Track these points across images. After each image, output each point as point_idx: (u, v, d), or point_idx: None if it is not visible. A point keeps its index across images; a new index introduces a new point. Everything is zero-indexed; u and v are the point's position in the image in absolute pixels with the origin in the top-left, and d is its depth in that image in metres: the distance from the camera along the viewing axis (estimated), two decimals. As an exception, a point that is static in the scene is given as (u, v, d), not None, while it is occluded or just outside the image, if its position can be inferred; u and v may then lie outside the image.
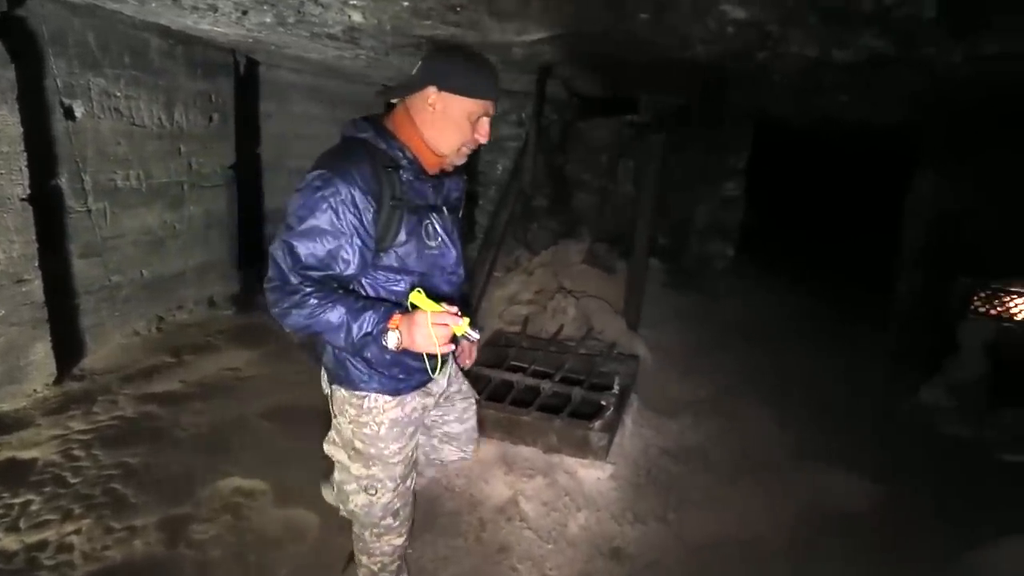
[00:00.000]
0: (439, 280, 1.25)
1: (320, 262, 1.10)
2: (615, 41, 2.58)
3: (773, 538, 2.01)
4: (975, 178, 2.88)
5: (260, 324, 3.70)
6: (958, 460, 2.64)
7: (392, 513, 1.38)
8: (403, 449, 1.33)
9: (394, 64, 3.94)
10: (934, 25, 1.73)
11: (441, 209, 1.24)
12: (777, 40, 2.28)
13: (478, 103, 1.16)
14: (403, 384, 1.27)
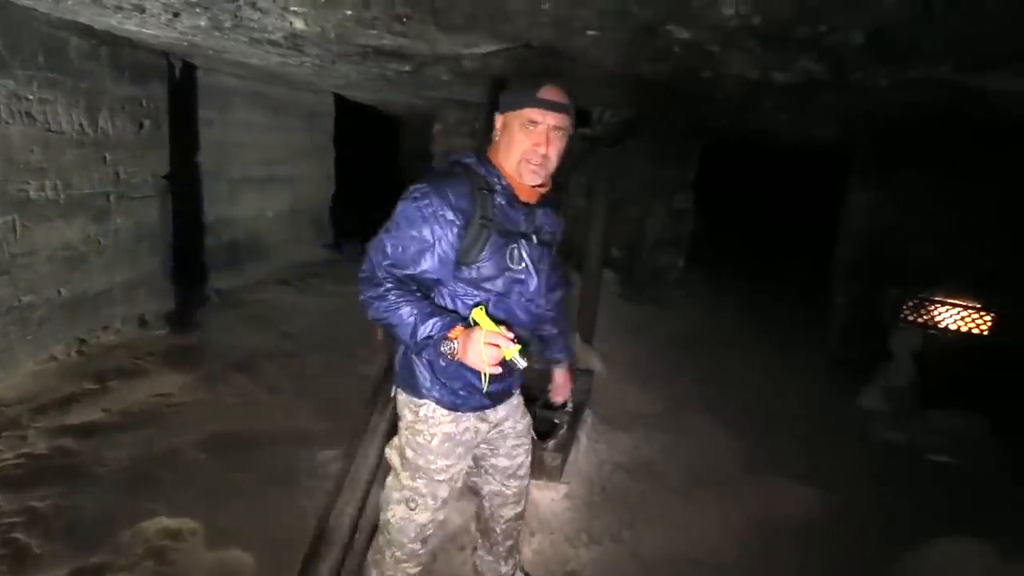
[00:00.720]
0: (516, 305, 1.30)
1: (404, 262, 1.22)
2: (566, 57, 2.59)
3: (726, 552, 2.03)
4: (900, 194, 3.06)
5: (197, 344, 3.48)
6: (894, 463, 2.77)
7: (422, 539, 1.41)
8: (450, 468, 1.36)
9: (342, 72, 3.83)
10: (863, 51, 1.81)
11: (531, 238, 1.29)
12: (720, 61, 2.33)
13: (525, 112, 1.23)
14: (461, 401, 1.32)
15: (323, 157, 5.49)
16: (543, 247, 1.32)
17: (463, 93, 4.21)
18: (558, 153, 1.26)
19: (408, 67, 3.32)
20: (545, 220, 1.33)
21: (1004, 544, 2.16)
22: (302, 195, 5.28)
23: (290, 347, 3.58)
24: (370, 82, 4.22)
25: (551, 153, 1.24)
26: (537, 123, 1.23)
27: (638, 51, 2.34)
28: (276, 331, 3.79)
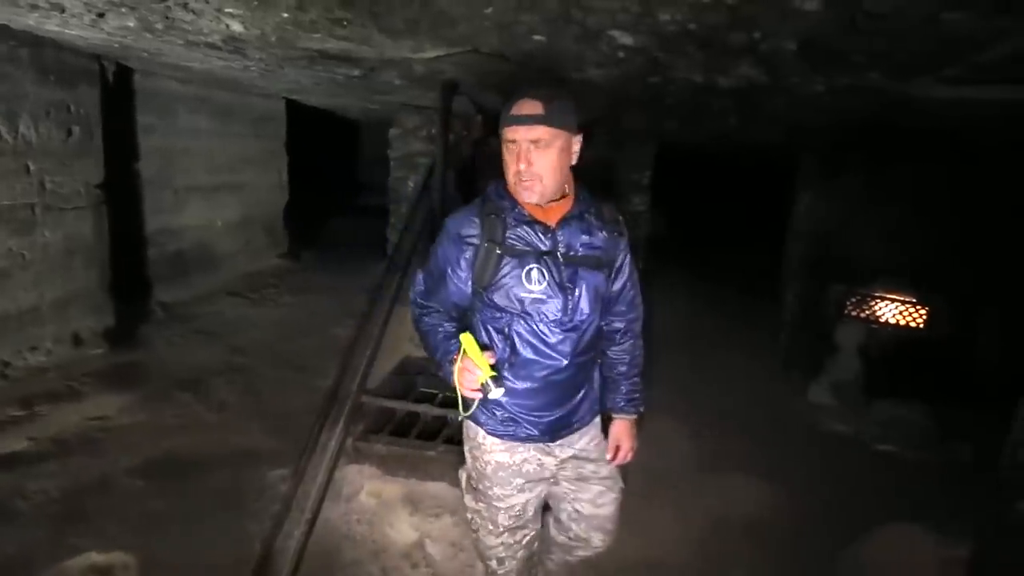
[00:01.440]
0: (544, 325, 1.26)
1: (431, 291, 1.33)
2: (514, 61, 2.58)
3: (684, 553, 2.04)
4: (841, 195, 3.19)
5: (139, 361, 3.30)
6: (842, 455, 2.86)
7: (496, 558, 1.45)
8: (508, 497, 1.36)
9: (290, 76, 3.72)
10: (796, 58, 1.86)
11: (555, 256, 1.25)
12: (666, 66, 2.37)
13: (504, 132, 1.23)
14: (508, 430, 1.32)
15: (275, 164, 5.32)
16: (575, 265, 1.25)
17: (419, 97, 4.15)
18: (549, 166, 1.20)
19: (358, 72, 3.25)
20: (574, 236, 1.26)
21: (944, 528, 2.25)
22: (254, 203, 5.10)
23: (239, 362, 3.44)
24: (321, 87, 4.12)
25: (536, 168, 1.19)
26: (514, 141, 1.21)
27: (585, 57, 2.35)
28: (225, 345, 3.64)
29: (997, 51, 1.47)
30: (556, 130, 1.19)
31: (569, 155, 1.25)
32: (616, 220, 1.33)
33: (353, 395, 2.33)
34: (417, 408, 2.36)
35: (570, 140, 1.23)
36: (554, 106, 1.20)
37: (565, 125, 1.21)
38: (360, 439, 2.17)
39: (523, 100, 1.21)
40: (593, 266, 1.28)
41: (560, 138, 1.20)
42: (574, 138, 1.25)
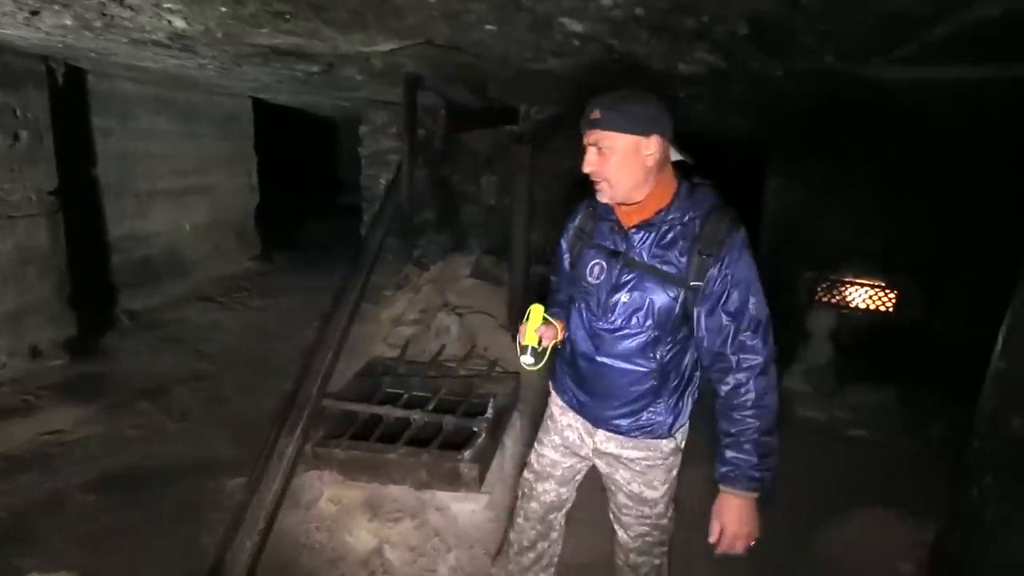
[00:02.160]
0: (580, 316, 1.35)
1: (552, 266, 1.55)
2: (471, 53, 2.52)
3: (649, 547, 2.01)
4: (809, 180, 3.17)
5: (101, 372, 3.22)
6: (815, 441, 2.85)
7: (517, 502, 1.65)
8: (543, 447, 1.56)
9: (250, 74, 3.63)
10: (749, 42, 1.83)
11: (626, 257, 1.27)
12: (624, 54, 2.32)
13: (583, 137, 1.26)
14: (562, 391, 1.48)
15: (244, 164, 5.21)
16: (639, 271, 1.24)
17: (386, 93, 4.08)
18: (613, 170, 1.20)
19: (316, 68, 3.17)
20: (646, 243, 1.24)
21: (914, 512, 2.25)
22: (223, 206, 5.00)
23: (206, 368, 3.36)
24: (285, 84, 4.03)
25: (600, 171, 1.22)
26: (586, 144, 1.25)
27: (541, 46, 2.30)
28: (192, 352, 3.56)
29: (942, 30, 1.45)
30: (616, 134, 1.19)
31: (639, 159, 1.19)
32: (714, 241, 1.19)
33: (313, 399, 2.27)
34: (379, 410, 2.31)
35: (638, 144, 1.19)
36: (615, 110, 1.20)
37: (628, 129, 1.18)
38: (319, 444, 2.11)
39: (593, 103, 1.25)
40: (658, 279, 1.23)
41: (622, 141, 1.19)
42: (644, 141, 1.19)
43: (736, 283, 1.19)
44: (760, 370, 1.21)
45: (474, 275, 3.98)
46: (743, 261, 1.20)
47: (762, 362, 1.21)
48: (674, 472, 1.46)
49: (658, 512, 1.49)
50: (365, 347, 3.56)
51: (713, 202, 1.26)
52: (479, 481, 2.03)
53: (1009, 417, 1.23)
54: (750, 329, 1.20)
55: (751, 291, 1.20)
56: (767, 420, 1.22)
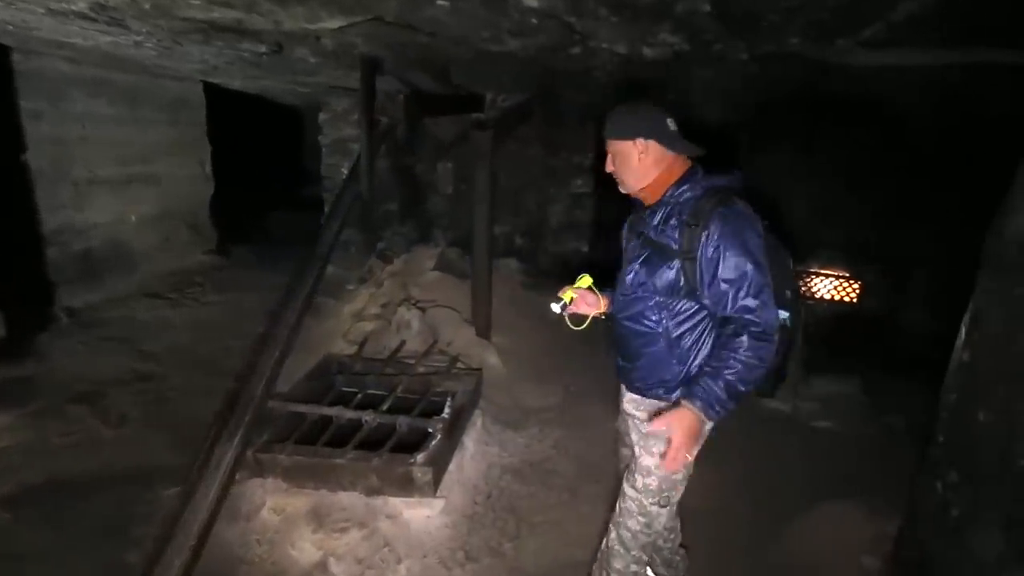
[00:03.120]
0: (620, 285, 1.51)
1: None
2: (425, 32, 2.38)
3: (612, 549, 1.94)
4: (776, 170, 3.13)
5: (32, 375, 2.98)
6: (782, 433, 2.83)
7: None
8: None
9: (194, 55, 3.39)
10: (713, 21, 1.74)
11: (642, 236, 1.45)
12: (585, 35, 2.22)
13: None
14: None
15: (196, 152, 4.94)
16: (650, 248, 1.42)
17: (346, 79, 3.89)
18: (624, 170, 1.43)
19: (264, 48, 2.97)
20: (653, 223, 1.42)
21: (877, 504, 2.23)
22: (173, 196, 4.73)
23: (150, 369, 3.15)
24: (235, 67, 3.79)
25: (615, 171, 1.46)
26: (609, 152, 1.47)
27: (499, 24, 2.18)
28: (135, 352, 3.34)
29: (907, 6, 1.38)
30: (613, 140, 1.43)
31: (633, 156, 1.40)
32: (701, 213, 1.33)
33: (257, 400, 2.11)
34: (330, 411, 2.17)
35: (628, 146, 1.40)
36: (612, 122, 1.43)
37: (619, 135, 1.41)
38: (262, 449, 1.97)
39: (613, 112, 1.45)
40: (660, 252, 1.40)
41: (619, 145, 1.42)
42: (632, 143, 1.39)
43: (728, 249, 1.30)
44: (758, 333, 1.29)
45: (439, 268, 3.85)
46: (733, 228, 1.30)
47: (762, 325, 1.29)
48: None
49: (646, 486, 1.50)
50: (324, 343, 3.40)
51: (714, 184, 1.39)
52: (434, 485, 1.92)
53: (974, 411, 1.18)
54: (750, 294, 1.29)
55: (746, 257, 1.29)
56: (751, 372, 1.29)
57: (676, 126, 1.41)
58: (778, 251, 1.42)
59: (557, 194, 4.36)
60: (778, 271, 1.37)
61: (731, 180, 1.42)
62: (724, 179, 1.41)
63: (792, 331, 1.40)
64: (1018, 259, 1.14)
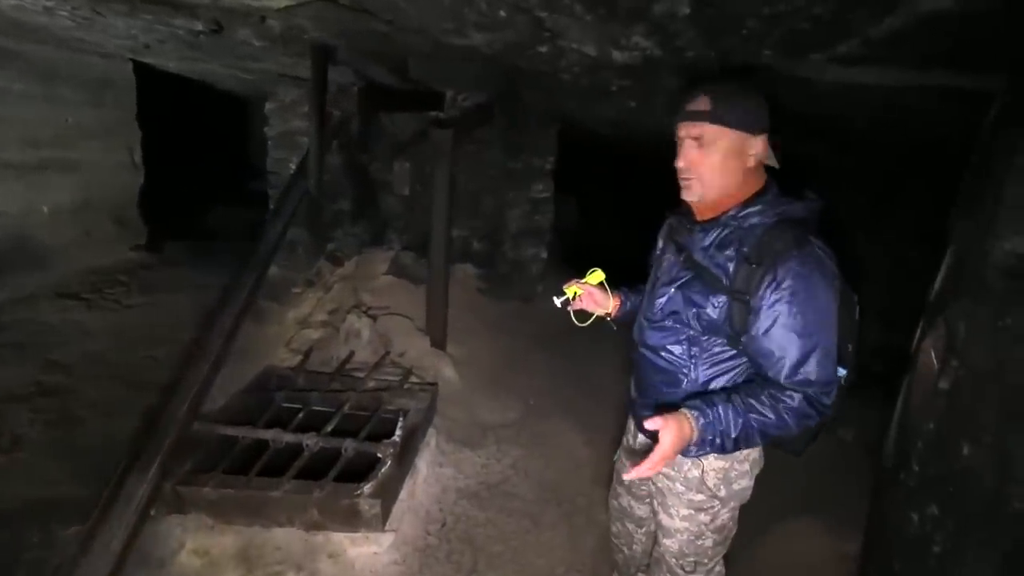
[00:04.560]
0: (644, 304, 1.33)
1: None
2: (383, 19, 2.19)
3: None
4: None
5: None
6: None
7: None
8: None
9: (120, 29, 3.04)
10: (689, 24, 1.66)
11: (685, 253, 1.23)
12: (555, 33, 2.10)
13: (677, 127, 1.21)
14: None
15: (123, 138, 4.48)
16: (691, 271, 1.19)
17: (296, 67, 3.61)
18: (705, 165, 1.15)
19: (202, 26, 2.69)
20: (705, 242, 1.18)
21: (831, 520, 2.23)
22: (95, 185, 4.27)
23: (56, 382, 2.78)
24: (169, 47, 3.44)
25: (690, 165, 1.16)
26: (680, 137, 1.19)
27: (464, 16, 2.03)
28: (40, 361, 2.94)
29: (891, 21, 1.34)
30: (721, 128, 1.13)
31: (741, 157, 1.15)
32: (768, 251, 1.08)
33: (180, 422, 1.86)
34: (265, 434, 1.95)
35: (743, 141, 1.14)
36: (724, 102, 1.13)
37: (735, 124, 1.12)
38: (183, 481, 1.72)
39: (692, 94, 1.17)
40: (705, 281, 1.16)
41: (726, 137, 1.13)
42: (750, 139, 1.14)
43: (796, 306, 1.07)
44: (814, 401, 1.10)
45: (392, 272, 3.64)
46: (807, 284, 1.07)
47: (819, 395, 1.11)
48: (702, 517, 1.29)
49: (671, 551, 1.33)
50: (265, 352, 3.13)
51: (790, 215, 1.14)
52: (382, 518, 1.74)
53: (957, 444, 1.13)
54: (814, 365, 1.08)
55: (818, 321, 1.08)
56: (778, 431, 1.11)
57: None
58: (847, 298, 1.20)
59: (517, 198, 4.24)
60: (845, 322, 1.16)
61: (809, 210, 1.17)
62: (801, 207, 1.16)
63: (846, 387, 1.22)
64: (1004, 287, 1.10)
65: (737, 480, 1.28)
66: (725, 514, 1.30)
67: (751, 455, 1.29)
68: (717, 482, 1.26)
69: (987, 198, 1.26)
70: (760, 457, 1.34)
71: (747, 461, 1.29)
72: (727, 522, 1.31)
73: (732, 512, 1.31)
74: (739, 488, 1.29)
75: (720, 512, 1.30)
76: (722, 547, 1.35)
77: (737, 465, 1.27)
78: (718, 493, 1.27)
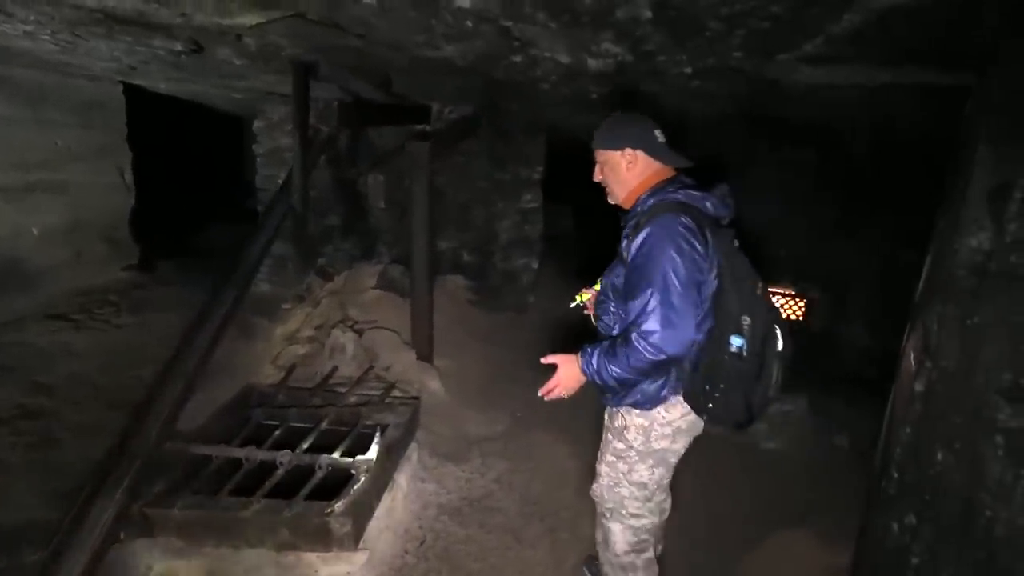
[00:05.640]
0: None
1: None
2: (354, 33, 2.20)
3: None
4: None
5: None
6: (732, 457, 2.74)
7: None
8: None
9: (103, 52, 3.06)
10: (654, 27, 1.65)
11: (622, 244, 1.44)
12: (525, 42, 2.10)
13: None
14: None
15: (113, 159, 4.51)
16: (619, 260, 1.46)
17: (282, 85, 3.64)
18: (612, 179, 1.51)
19: (181, 46, 2.70)
20: (624, 233, 1.44)
21: (821, 529, 2.17)
22: (85, 207, 4.28)
23: (39, 404, 2.76)
24: (154, 68, 3.47)
25: (604, 181, 1.55)
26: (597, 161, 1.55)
27: (433, 28, 2.03)
28: (26, 383, 2.92)
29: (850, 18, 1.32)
30: (602, 150, 1.51)
31: (621, 168, 1.47)
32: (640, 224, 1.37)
33: (150, 442, 1.83)
34: (238, 453, 1.91)
35: (617, 155, 1.47)
36: (600, 130, 1.52)
37: (608, 145, 1.49)
38: (152, 503, 1.69)
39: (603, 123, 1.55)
40: (620, 258, 1.44)
41: (607, 155, 1.49)
42: (620, 153, 1.46)
43: (645, 262, 1.31)
44: (647, 349, 1.29)
45: (381, 286, 3.62)
46: (653, 244, 1.31)
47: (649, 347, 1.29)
48: (621, 466, 1.51)
49: (595, 494, 1.61)
50: (252, 370, 3.10)
51: (669, 199, 1.39)
52: (355, 537, 1.70)
53: (931, 449, 1.09)
54: (648, 313, 1.28)
55: (656, 275, 1.29)
56: (629, 376, 1.35)
57: (664, 137, 1.47)
58: (737, 275, 1.35)
59: (506, 209, 4.23)
60: (736, 296, 1.32)
61: (689, 196, 1.38)
62: (683, 195, 1.38)
63: (756, 358, 1.33)
64: (971, 285, 1.07)
65: (657, 440, 1.45)
66: (643, 470, 1.48)
67: (673, 421, 1.44)
68: (636, 436, 1.46)
69: (956, 194, 1.23)
70: (688, 426, 1.46)
71: (669, 425, 1.44)
72: (646, 480, 1.48)
73: (651, 471, 1.48)
74: (658, 448, 1.46)
75: (637, 465, 1.48)
76: (640, 504, 1.51)
77: (658, 427, 1.44)
78: (635, 446, 1.47)
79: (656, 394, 1.40)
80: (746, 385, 1.32)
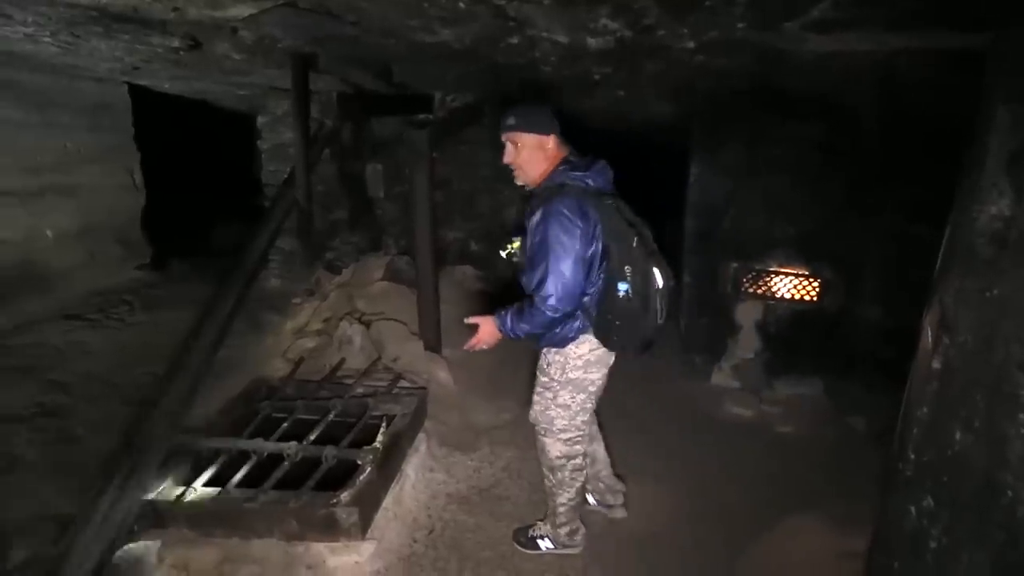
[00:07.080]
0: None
1: None
2: (348, 21, 2.16)
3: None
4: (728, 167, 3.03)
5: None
6: (744, 441, 2.70)
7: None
8: None
9: (104, 52, 3.07)
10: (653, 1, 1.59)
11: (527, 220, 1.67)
12: (521, 22, 2.05)
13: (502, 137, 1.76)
14: None
15: (123, 161, 4.55)
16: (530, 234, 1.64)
17: (282, 79, 3.62)
18: (515, 161, 1.74)
19: (179, 43, 2.70)
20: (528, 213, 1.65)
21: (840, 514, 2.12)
22: (97, 208, 4.33)
23: (58, 402, 2.81)
24: (156, 67, 3.48)
25: (516, 163, 1.74)
26: (504, 142, 1.74)
27: (427, 12, 1.98)
28: (43, 382, 2.98)
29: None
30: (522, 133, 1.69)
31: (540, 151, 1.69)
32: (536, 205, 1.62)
33: (160, 436, 1.85)
34: (247, 445, 1.92)
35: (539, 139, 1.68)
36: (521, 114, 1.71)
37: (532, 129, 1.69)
38: (162, 495, 1.70)
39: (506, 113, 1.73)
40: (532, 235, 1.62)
41: (529, 138, 1.68)
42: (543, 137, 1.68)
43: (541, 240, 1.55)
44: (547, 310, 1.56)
45: (388, 278, 3.62)
46: (544, 226, 1.55)
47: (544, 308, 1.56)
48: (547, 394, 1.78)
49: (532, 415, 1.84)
50: (262, 363, 3.13)
51: (555, 181, 1.63)
52: (362, 527, 1.70)
53: (949, 429, 1.04)
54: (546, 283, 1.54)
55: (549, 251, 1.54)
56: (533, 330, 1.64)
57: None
58: (618, 235, 1.60)
59: (512, 197, 4.18)
60: (617, 252, 1.59)
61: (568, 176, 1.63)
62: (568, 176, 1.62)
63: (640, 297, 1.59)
64: (990, 254, 1.01)
65: (572, 371, 1.73)
66: (565, 395, 1.75)
67: (583, 355, 1.71)
68: (555, 370, 1.74)
69: (973, 161, 1.16)
70: (597, 359, 1.72)
71: (580, 358, 1.71)
72: (569, 403, 1.76)
73: (573, 396, 1.75)
74: (574, 377, 1.73)
75: (560, 392, 1.75)
76: (566, 422, 1.77)
77: (572, 360, 1.72)
78: (556, 376, 1.75)
79: (567, 335, 1.67)
80: (637, 318, 1.60)
